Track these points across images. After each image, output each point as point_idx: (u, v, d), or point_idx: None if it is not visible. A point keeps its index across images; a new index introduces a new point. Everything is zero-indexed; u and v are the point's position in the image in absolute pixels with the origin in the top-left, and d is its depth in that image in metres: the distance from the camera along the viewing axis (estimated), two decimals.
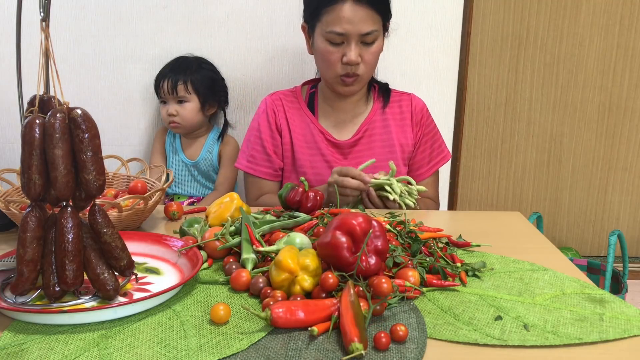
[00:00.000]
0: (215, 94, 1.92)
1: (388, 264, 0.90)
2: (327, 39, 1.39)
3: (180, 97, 1.85)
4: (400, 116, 1.56)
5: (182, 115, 1.87)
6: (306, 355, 0.71)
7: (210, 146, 1.95)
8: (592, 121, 2.39)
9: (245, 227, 0.99)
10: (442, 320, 0.80)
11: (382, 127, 1.54)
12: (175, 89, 1.84)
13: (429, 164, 1.57)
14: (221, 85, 1.95)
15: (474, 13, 2.16)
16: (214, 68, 1.94)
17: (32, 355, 0.70)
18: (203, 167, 1.96)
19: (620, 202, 2.49)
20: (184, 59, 1.90)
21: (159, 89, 1.88)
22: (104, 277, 0.80)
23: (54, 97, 0.77)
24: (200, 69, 1.88)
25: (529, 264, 1.01)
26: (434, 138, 1.58)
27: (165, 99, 1.88)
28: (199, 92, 1.86)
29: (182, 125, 1.89)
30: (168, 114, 1.87)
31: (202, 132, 1.96)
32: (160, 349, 0.72)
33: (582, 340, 0.76)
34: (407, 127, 1.55)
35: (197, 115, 1.89)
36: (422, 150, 1.57)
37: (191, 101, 1.86)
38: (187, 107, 1.86)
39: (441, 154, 1.59)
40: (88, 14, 1.91)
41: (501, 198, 2.48)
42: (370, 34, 1.38)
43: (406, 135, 1.55)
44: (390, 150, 1.53)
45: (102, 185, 0.78)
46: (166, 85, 1.85)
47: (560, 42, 2.30)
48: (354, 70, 1.41)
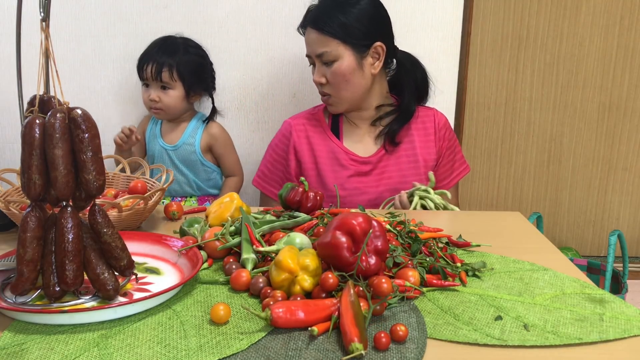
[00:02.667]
0: (202, 82, 1.82)
1: (388, 264, 0.90)
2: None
3: (164, 83, 1.76)
4: (425, 132, 1.61)
5: (164, 102, 1.78)
6: (306, 355, 0.71)
7: (193, 131, 1.86)
8: (592, 121, 2.39)
9: (245, 227, 0.99)
10: (442, 320, 0.80)
11: (407, 142, 1.59)
12: (160, 75, 1.75)
13: (450, 176, 1.64)
14: (208, 71, 1.86)
15: (474, 13, 2.16)
16: (203, 52, 1.84)
17: (32, 355, 0.70)
18: (183, 152, 1.85)
19: (620, 202, 2.49)
20: (172, 40, 1.81)
21: (141, 71, 1.78)
22: (104, 277, 0.80)
23: (54, 97, 0.77)
24: (187, 53, 1.79)
25: (529, 264, 1.01)
26: (455, 151, 1.65)
27: (147, 82, 1.79)
28: (184, 79, 1.77)
29: (165, 112, 1.81)
30: (150, 99, 1.79)
31: (185, 117, 1.87)
32: (160, 349, 0.72)
33: (582, 340, 0.76)
34: (430, 142, 1.61)
35: (181, 103, 1.80)
36: (444, 163, 1.62)
37: (175, 88, 1.77)
38: (170, 94, 1.77)
39: (462, 166, 1.66)
40: (88, 14, 1.91)
41: (501, 198, 2.48)
42: (322, 55, 1.49)
43: (430, 150, 1.60)
44: (414, 165, 1.59)
45: (102, 185, 0.78)
46: (150, 70, 1.75)
47: (560, 42, 2.30)
48: (323, 89, 1.54)
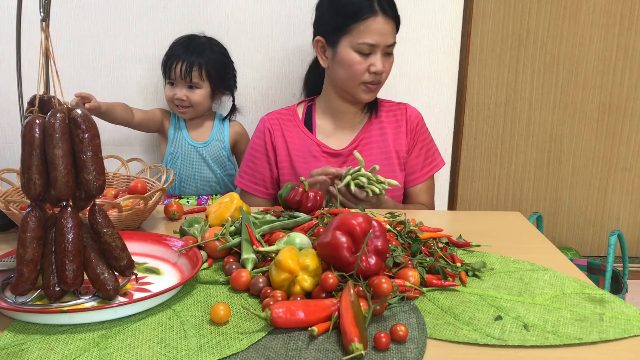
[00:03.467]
0: (226, 80, 1.85)
1: (388, 264, 0.90)
2: (356, 50, 1.49)
3: (192, 82, 1.78)
4: (396, 124, 1.63)
5: (192, 100, 1.79)
6: (306, 355, 0.71)
7: (219, 128, 1.89)
8: (592, 121, 2.39)
9: (245, 227, 0.99)
10: (442, 320, 0.80)
11: (379, 135, 1.62)
12: (190, 74, 1.76)
13: (422, 169, 1.64)
14: (231, 69, 1.89)
15: (474, 13, 2.16)
16: (225, 51, 1.87)
17: (32, 355, 0.70)
18: (213, 149, 1.87)
19: (620, 202, 2.49)
20: (197, 39, 1.82)
21: (169, 70, 1.79)
22: (104, 277, 0.80)
23: (54, 97, 0.77)
24: (213, 52, 1.81)
25: (529, 264, 1.01)
26: (428, 146, 1.65)
27: (173, 80, 1.80)
28: (211, 79, 1.80)
29: (193, 111, 1.82)
30: (176, 98, 1.79)
31: (208, 116, 1.89)
32: (160, 349, 0.72)
33: (582, 340, 0.76)
34: (402, 134, 1.63)
35: (207, 101, 1.83)
36: (415, 155, 1.63)
37: (202, 87, 1.79)
38: (197, 93, 1.79)
39: (434, 161, 1.66)
40: (88, 14, 1.91)
41: (501, 198, 2.48)
42: (392, 46, 1.51)
43: (401, 142, 1.62)
44: (386, 157, 1.60)
45: (102, 185, 0.78)
46: (179, 69, 1.76)
47: (560, 42, 2.30)
48: (378, 78, 1.53)
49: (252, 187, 1.64)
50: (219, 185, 1.92)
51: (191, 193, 1.92)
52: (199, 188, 1.91)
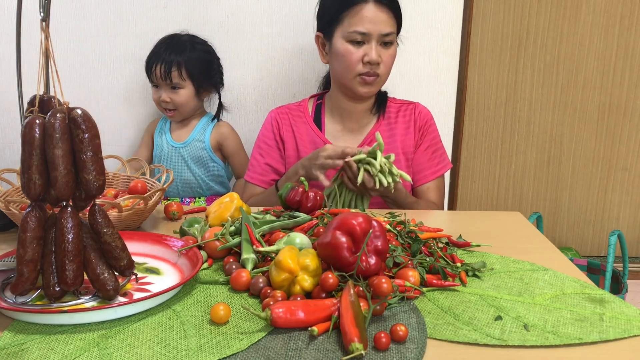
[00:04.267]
0: (210, 78, 1.82)
1: (388, 264, 0.90)
2: (348, 40, 1.45)
3: (174, 83, 1.76)
4: (405, 125, 1.60)
5: (176, 102, 1.78)
6: (306, 355, 0.71)
7: (203, 128, 1.85)
8: (592, 121, 2.39)
9: (245, 227, 0.99)
10: (442, 320, 0.80)
11: (388, 137, 1.58)
12: (169, 75, 1.75)
13: (430, 168, 1.60)
14: (216, 66, 1.86)
15: (474, 13, 2.16)
16: (210, 48, 1.84)
17: (32, 355, 0.70)
18: (192, 149, 1.85)
19: (620, 202, 2.49)
20: (178, 38, 1.80)
21: (150, 73, 1.78)
22: (104, 277, 0.80)
23: (54, 97, 0.77)
24: (194, 50, 1.78)
25: (529, 264, 1.01)
26: (436, 145, 1.62)
27: (157, 83, 1.79)
28: (193, 77, 1.77)
29: (179, 113, 1.81)
30: (161, 100, 1.79)
31: (196, 116, 1.87)
32: (160, 349, 0.72)
33: (582, 340, 0.76)
34: (410, 133, 1.59)
35: (192, 101, 1.80)
36: (422, 152, 1.59)
37: (185, 87, 1.77)
38: (181, 93, 1.77)
39: (443, 161, 1.63)
40: (88, 14, 1.91)
41: (501, 198, 2.48)
42: (389, 35, 1.45)
43: (409, 142, 1.59)
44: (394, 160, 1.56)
45: (102, 185, 0.78)
46: (159, 71, 1.75)
47: (560, 42, 2.30)
48: (374, 69, 1.47)
49: (259, 178, 1.60)
50: (200, 188, 1.89)
51: (174, 195, 1.90)
52: (180, 190, 1.89)
